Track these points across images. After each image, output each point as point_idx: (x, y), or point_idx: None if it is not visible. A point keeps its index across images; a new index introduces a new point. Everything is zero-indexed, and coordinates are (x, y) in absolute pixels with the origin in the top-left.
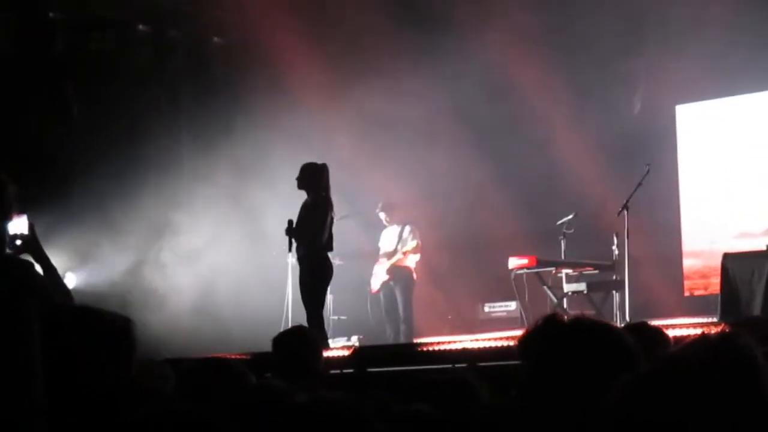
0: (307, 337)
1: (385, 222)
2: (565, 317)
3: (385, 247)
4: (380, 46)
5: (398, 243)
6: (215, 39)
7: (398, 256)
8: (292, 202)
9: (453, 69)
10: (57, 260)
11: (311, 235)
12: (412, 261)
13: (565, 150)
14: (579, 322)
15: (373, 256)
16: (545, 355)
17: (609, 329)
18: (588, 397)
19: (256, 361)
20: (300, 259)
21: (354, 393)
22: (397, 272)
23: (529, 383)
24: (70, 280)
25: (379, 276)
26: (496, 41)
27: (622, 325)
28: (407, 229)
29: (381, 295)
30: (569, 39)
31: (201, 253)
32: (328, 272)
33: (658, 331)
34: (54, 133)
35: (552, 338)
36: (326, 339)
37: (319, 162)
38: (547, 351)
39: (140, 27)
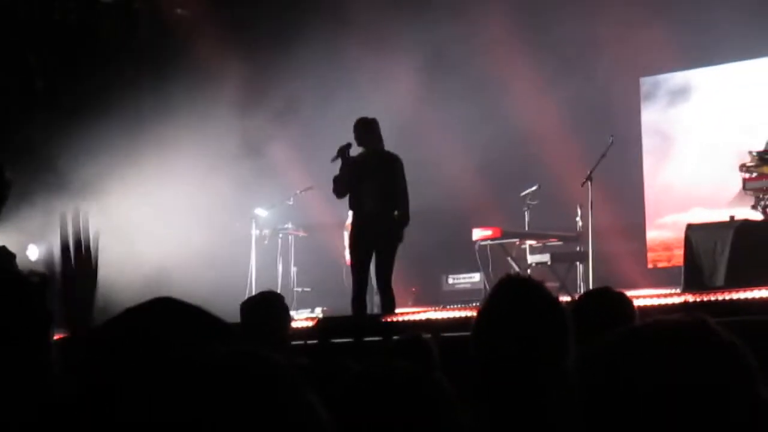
0: (278, 303)
1: None
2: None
3: None
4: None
5: None
6: (179, 10)
7: None
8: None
9: (414, 36)
10: (11, 237)
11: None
12: None
13: (528, 121)
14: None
15: (337, 227)
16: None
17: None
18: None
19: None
20: (391, 219)
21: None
22: None
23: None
24: (33, 253)
25: None
26: (461, 11)
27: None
28: None
29: None
30: (534, 10)
31: (161, 224)
32: None
33: (622, 295)
34: (17, 105)
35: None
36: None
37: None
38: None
39: None
